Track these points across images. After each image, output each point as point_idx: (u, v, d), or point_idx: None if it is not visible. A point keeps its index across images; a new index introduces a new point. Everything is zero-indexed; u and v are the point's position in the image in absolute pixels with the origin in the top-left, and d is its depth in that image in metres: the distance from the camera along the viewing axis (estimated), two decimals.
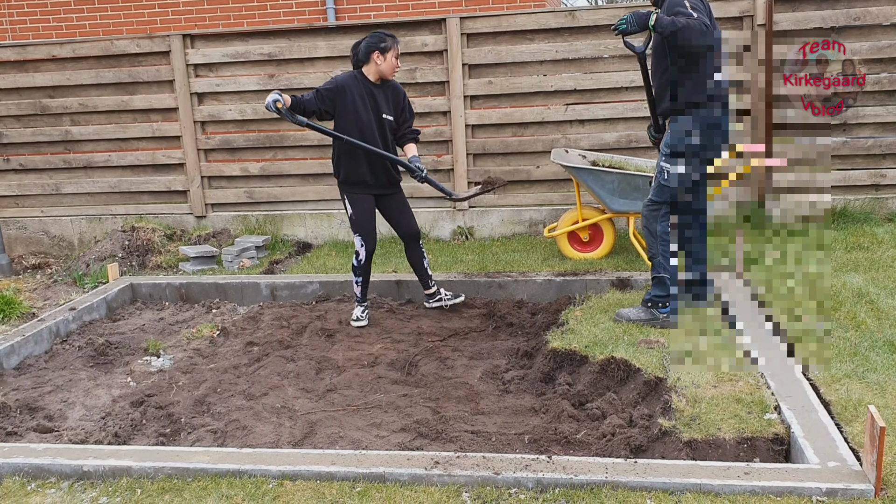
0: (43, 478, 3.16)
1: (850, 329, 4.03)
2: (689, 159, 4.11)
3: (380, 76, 4.91)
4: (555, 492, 2.81)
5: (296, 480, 2.99)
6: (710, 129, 4.09)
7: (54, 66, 7.39)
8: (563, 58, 6.74)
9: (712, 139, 4.10)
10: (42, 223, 7.68)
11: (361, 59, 4.90)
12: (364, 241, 5.13)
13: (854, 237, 5.85)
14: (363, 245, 5.13)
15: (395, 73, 4.97)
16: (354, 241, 5.18)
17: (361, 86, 4.90)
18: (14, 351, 4.82)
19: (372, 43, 4.84)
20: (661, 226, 4.32)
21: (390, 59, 4.86)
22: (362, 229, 5.11)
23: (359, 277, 5.21)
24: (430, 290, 5.41)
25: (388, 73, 4.91)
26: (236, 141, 7.30)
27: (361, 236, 5.12)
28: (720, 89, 4.08)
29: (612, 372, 3.90)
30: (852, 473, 2.73)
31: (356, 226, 5.12)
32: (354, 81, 4.90)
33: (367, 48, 4.85)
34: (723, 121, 4.10)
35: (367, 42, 4.86)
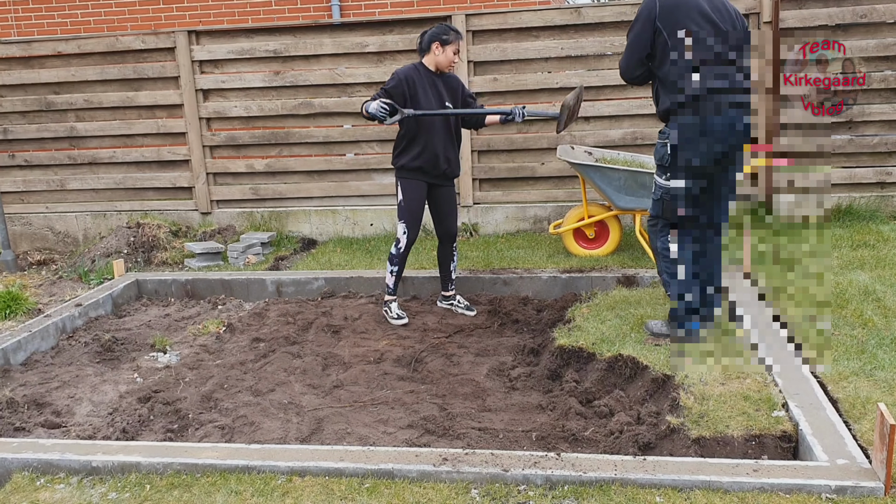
0: (52, 473, 3.17)
1: (857, 327, 4.02)
2: (674, 167, 3.78)
3: (437, 67, 4.98)
4: (564, 489, 2.81)
5: (304, 476, 2.99)
6: (691, 135, 3.66)
7: (59, 62, 7.38)
8: (569, 55, 6.73)
9: (693, 144, 3.66)
10: (47, 219, 7.68)
11: (424, 49, 4.97)
12: (408, 229, 5.09)
13: (860, 235, 5.84)
14: (406, 233, 5.10)
15: (451, 67, 5.01)
16: (398, 229, 5.13)
17: (423, 76, 4.96)
18: (21, 347, 4.83)
19: (435, 34, 4.92)
20: (661, 241, 4.13)
21: (448, 52, 4.91)
22: (409, 216, 5.08)
23: (395, 267, 5.18)
24: (448, 293, 5.42)
25: (444, 65, 4.96)
26: (242, 137, 7.31)
27: (406, 224, 5.09)
28: (697, 91, 3.62)
29: (619, 369, 3.90)
30: (861, 471, 2.74)
31: (404, 212, 5.09)
32: (416, 73, 4.96)
33: (431, 38, 4.92)
34: (709, 122, 3.64)
35: (432, 32, 4.94)
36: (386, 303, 5.25)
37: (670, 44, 3.75)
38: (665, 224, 4.05)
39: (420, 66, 5.00)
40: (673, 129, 3.73)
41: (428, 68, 4.99)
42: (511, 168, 7.01)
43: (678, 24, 3.72)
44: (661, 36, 3.79)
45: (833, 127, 6.54)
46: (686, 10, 3.75)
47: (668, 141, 3.83)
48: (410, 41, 6.85)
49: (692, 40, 3.63)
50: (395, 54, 6.94)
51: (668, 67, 3.78)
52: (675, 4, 3.77)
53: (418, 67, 5.00)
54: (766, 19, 6.31)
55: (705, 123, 3.64)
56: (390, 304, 5.22)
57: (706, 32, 3.69)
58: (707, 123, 3.64)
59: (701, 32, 3.67)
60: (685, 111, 3.67)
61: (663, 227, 4.10)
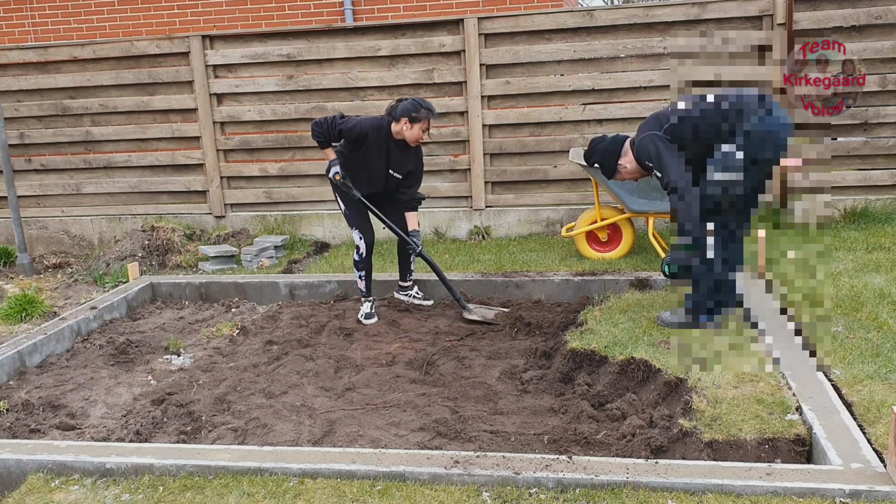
0: (66, 475, 3.19)
1: (871, 330, 3.99)
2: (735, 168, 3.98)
3: (401, 138, 5.06)
4: (575, 492, 2.80)
5: (316, 478, 3.00)
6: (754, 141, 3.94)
7: (75, 66, 7.46)
8: (581, 57, 6.72)
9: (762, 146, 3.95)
10: (63, 223, 7.75)
11: (395, 118, 5.02)
12: (362, 233, 5.25)
13: (875, 237, 5.79)
14: (362, 238, 5.25)
15: (417, 143, 5.08)
16: (353, 236, 5.29)
17: (383, 138, 5.06)
18: (36, 349, 4.87)
19: (408, 109, 4.98)
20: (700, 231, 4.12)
21: (416, 129, 4.98)
22: (358, 222, 5.24)
23: (361, 272, 5.32)
24: (406, 283, 5.62)
25: (410, 141, 5.06)
26: (255, 141, 7.35)
27: (358, 229, 5.24)
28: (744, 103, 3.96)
29: (631, 372, 3.89)
30: (876, 475, 2.71)
31: (353, 220, 5.26)
32: (378, 132, 5.04)
33: (403, 111, 4.98)
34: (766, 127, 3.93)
35: (405, 106, 4.99)
36: (361, 301, 5.40)
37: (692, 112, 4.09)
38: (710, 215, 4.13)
39: (386, 128, 5.05)
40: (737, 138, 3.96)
41: (390, 132, 5.05)
42: (523, 171, 7.01)
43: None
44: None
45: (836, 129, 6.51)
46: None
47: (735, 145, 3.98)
48: (423, 45, 6.88)
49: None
50: (408, 58, 6.96)
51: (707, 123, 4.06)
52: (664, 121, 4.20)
53: (384, 128, 5.05)
54: (779, 21, 6.28)
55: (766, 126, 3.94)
56: (362, 305, 5.35)
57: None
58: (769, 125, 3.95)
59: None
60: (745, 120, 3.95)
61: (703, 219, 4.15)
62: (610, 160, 4.43)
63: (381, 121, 5.09)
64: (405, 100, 5.07)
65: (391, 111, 5.07)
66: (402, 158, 5.15)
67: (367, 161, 5.11)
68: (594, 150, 4.53)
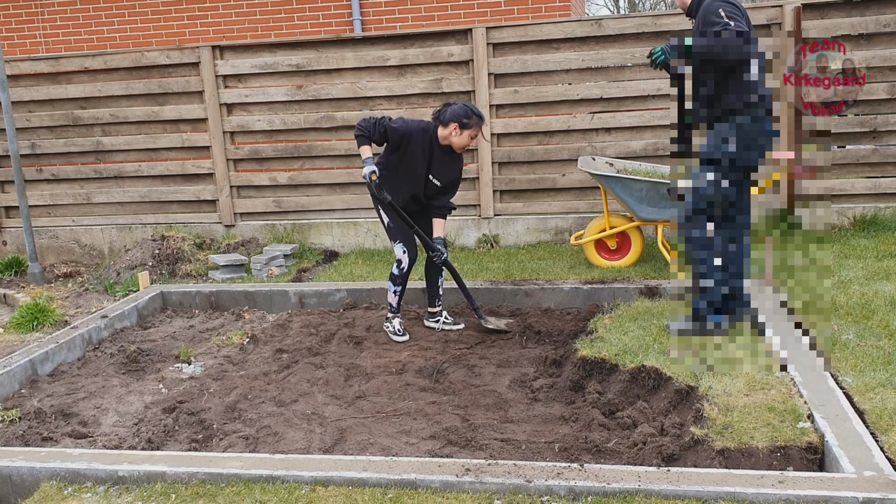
0: (79, 482, 3.21)
1: (883, 338, 3.98)
2: (723, 167, 4.05)
3: (447, 143, 4.92)
4: (587, 500, 2.80)
5: (328, 486, 3.01)
6: (749, 136, 4.01)
7: (86, 77, 7.51)
8: (589, 66, 6.74)
9: (750, 147, 4.03)
10: (73, 232, 7.80)
11: (443, 122, 4.87)
12: (406, 247, 5.03)
13: (885, 245, 5.78)
14: (405, 252, 5.03)
15: (463, 150, 4.98)
16: (395, 250, 5.07)
17: (427, 142, 4.92)
18: (48, 358, 4.90)
19: (459, 114, 4.83)
20: (697, 232, 4.19)
21: (465, 136, 4.86)
22: (403, 236, 5.03)
23: (398, 287, 5.12)
24: (434, 309, 5.34)
25: (457, 147, 4.93)
26: (265, 151, 7.38)
27: (402, 242, 5.03)
28: (761, 97, 4.02)
29: (642, 380, 3.89)
30: (889, 483, 2.70)
31: (395, 233, 5.04)
32: (423, 135, 4.91)
33: (453, 116, 4.83)
34: (764, 127, 4.03)
35: (455, 111, 4.84)
36: (388, 319, 5.21)
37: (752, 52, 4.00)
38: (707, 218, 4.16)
39: (432, 131, 4.92)
40: (733, 128, 4.02)
41: (437, 137, 4.92)
42: (532, 179, 7.02)
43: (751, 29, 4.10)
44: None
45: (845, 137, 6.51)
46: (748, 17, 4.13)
47: (727, 136, 4.04)
48: (431, 55, 6.91)
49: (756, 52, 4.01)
50: (416, 67, 6.99)
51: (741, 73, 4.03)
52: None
53: (428, 130, 4.92)
54: (788, 28, 6.28)
55: (761, 127, 4.03)
56: (392, 321, 5.18)
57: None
58: (764, 127, 4.04)
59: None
60: (752, 111, 4.00)
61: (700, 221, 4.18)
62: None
63: (428, 125, 4.95)
64: (454, 104, 4.92)
65: (439, 115, 4.91)
66: (444, 165, 4.99)
67: (408, 165, 4.92)
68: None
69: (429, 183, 5.01)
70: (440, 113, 4.92)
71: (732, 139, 4.03)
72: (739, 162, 4.05)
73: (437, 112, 4.95)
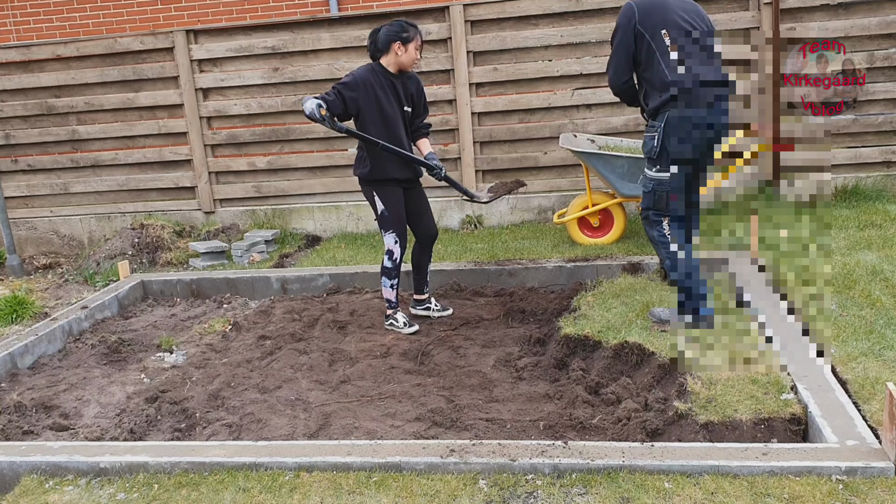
0: (60, 475, 3.17)
1: (864, 307, 3.99)
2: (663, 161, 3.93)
3: (399, 68, 4.62)
4: (572, 477, 2.80)
5: (312, 472, 2.99)
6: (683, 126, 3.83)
7: (59, 65, 7.39)
8: (569, 42, 6.69)
9: (685, 140, 3.83)
10: (52, 223, 7.70)
11: (381, 49, 4.58)
12: (398, 237, 4.78)
13: (866, 215, 5.80)
14: (397, 242, 4.78)
15: (414, 66, 4.69)
16: (386, 240, 4.82)
17: (382, 79, 4.61)
18: (28, 350, 4.84)
19: (392, 32, 4.54)
20: (657, 231, 4.11)
21: (411, 50, 4.56)
22: (396, 225, 4.77)
23: (394, 280, 4.87)
24: (422, 297, 5.15)
25: (407, 66, 4.62)
26: (243, 135, 7.30)
27: (396, 233, 4.78)
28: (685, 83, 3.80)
29: (625, 356, 3.88)
30: (872, 451, 2.71)
31: (389, 222, 4.77)
32: (374, 75, 4.60)
33: (388, 38, 4.54)
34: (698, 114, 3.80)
35: (388, 31, 4.55)
36: (389, 317, 4.95)
37: (654, 44, 3.92)
38: (657, 213, 4.11)
39: (377, 67, 4.62)
40: (661, 122, 3.91)
41: (386, 69, 4.61)
42: (514, 158, 6.98)
43: (658, 27, 3.93)
44: (644, 39, 3.96)
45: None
46: (663, 12, 3.95)
47: (656, 134, 3.96)
48: None
49: (675, 38, 3.86)
50: None
51: (655, 68, 3.94)
52: (651, 8, 3.97)
53: (375, 69, 4.61)
54: (766, 0, 6.25)
55: (696, 115, 3.79)
56: (395, 317, 4.93)
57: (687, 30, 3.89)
58: (697, 115, 3.79)
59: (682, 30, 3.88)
60: (676, 105, 3.83)
61: (656, 217, 4.13)
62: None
63: (372, 65, 4.63)
64: (379, 29, 4.58)
65: (374, 46, 4.59)
66: (407, 89, 4.67)
67: (380, 113, 4.58)
68: None
69: (406, 115, 4.73)
70: (373, 44, 4.62)
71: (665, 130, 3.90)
72: (676, 152, 3.87)
73: (370, 45, 4.64)
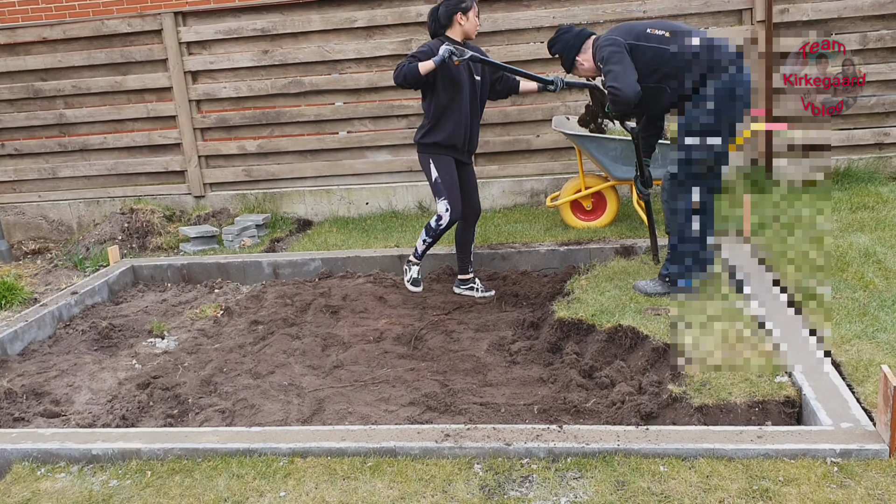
0: (52, 462, 3.15)
1: (858, 289, 4.00)
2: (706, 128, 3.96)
3: (465, 36, 4.80)
4: (567, 461, 2.79)
5: (306, 457, 2.97)
6: (721, 97, 3.91)
7: (45, 48, 7.29)
8: (561, 23, 6.62)
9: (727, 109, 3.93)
10: (40, 208, 7.63)
11: (444, 24, 4.75)
12: (450, 204, 4.80)
13: (859, 197, 5.80)
14: (448, 209, 4.80)
15: (474, 35, 4.85)
16: (438, 206, 4.85)
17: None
18: (18, 337, 4.80)
19: (451, 5, 4.71)
20: (684, 202, 4.11)
21: (472, 17, 4.75)
22: (449, 192, 4.82)
23: (430, 239, 4.92)
24: (467, 276, 5.21)
25: (471, 33, 4.80)
26: (232, 119, 7.23)
27: (448, 200, 4.81)
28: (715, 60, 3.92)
29: (619, 340, 3.88)
30: (866, 434, 2.72)
31: (442, 188, 4.82)
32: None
33: (448, 12, 4.71)
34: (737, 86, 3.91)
35: (446, 6, 4.72)
36: (409, 263, 5.04)
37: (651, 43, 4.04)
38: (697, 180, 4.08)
39: (446, 40, 4.74)
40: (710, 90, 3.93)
41: (455, 41, 4.75)
42: (506, 141, 6.94)
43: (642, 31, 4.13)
44: (640, 48, 4.07)
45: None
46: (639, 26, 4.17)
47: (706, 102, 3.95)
48: (400, 15, 6.76)
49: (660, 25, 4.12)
50: (385, 28, 6.85)
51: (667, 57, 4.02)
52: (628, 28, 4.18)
53: (445, 42, 4.71)
54: None
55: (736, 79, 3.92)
56: (412, 268, 5.01)
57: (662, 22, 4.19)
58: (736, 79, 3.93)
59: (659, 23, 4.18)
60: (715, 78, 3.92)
61: (682, 185, 4.11)
62: (569, 54, 4.38)
63: (439, 40, 4.73)
64: (436, 7, 4.78)
65: (434, 24, 4.77)
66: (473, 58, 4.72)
67: (453, 79, 4.71)
68: (558, 39, 4.44)
69: (476, 84, 4.88)
70: (435, 21, 4.77)
71: (706, 112, 3.94)
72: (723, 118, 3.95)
73: (431, 24, 4.80)
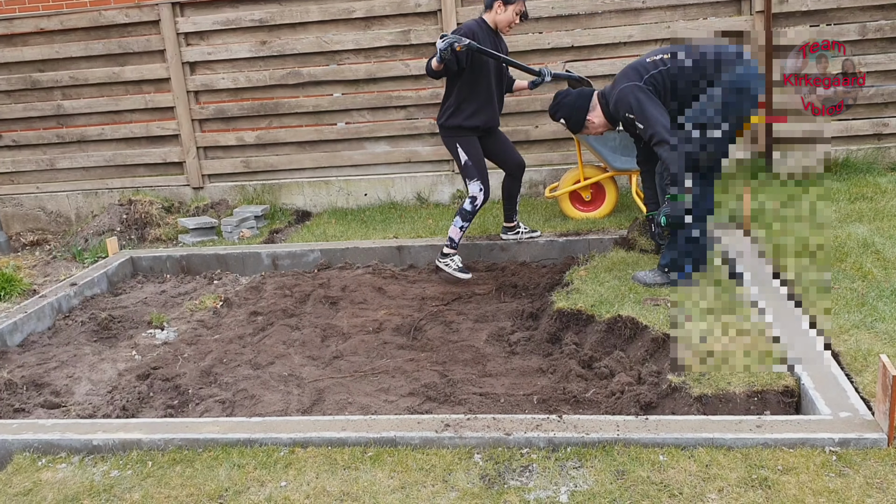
0: (53, 453, 3.16)
1: (856, 279, 4.01)
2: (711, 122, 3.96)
3: (496, 25, 4.94)
4: (566, 451, 2.80)
5: (307, 447, 2.98)
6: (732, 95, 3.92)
7: (43, 39, 7.26)
8: (559, 14, 6.62)
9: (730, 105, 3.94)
10: (38, 199, 7.61)
11: (487, 5, 4.93)
12: (483, 185, 5.08)
13: (857, 187, 5.80)
14: (482, 189, 5.07)
15: (508, 29, 4.99)
16: (470, 188, 5.09)
17: (486, 33, 4.92)
18: (17, 328, 4.80)
19: None
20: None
21: (510, 11, 4.87)
22: (480, 173, 5.07)
23: (467, 223, 5.15)
24: (511, 224, 5.55)
25: (503, 25, 4.94)
26: (231, 110, 7.21)
27: (480, 180, 5.07)
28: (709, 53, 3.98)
29: (618, 330, 3.89)
30: (864, 423, 2.73)
31: (473, 171, 5.07)
32: (479, 29, 4.91)
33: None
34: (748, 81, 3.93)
35: None
36: (446, 255, 5.17)
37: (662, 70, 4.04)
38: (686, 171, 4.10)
39: (482, 23, 4.96)
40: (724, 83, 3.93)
41: (488, 25, 4.94)
42: (505, 132, 6.91)
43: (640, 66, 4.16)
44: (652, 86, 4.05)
45: None
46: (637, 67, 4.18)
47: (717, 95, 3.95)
48: (398, 5, 6.74)
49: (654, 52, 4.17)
50: (383, 19, 6.83)
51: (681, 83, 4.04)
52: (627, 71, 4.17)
53: (480, 24, 4.95)
54: None
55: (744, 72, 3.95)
56: (453, 258, 5.15)
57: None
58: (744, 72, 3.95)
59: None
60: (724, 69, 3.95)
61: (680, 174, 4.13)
62: (578, 115, 4.40)
63: (475, 21, 4.98)
64: None
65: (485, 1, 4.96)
66: (501, 50, 5.00)
67: (479, 62, 4.90)
68: (560, 104, 4.47)
69: (504, 74, 5.11)
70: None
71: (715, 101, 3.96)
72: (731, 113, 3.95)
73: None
